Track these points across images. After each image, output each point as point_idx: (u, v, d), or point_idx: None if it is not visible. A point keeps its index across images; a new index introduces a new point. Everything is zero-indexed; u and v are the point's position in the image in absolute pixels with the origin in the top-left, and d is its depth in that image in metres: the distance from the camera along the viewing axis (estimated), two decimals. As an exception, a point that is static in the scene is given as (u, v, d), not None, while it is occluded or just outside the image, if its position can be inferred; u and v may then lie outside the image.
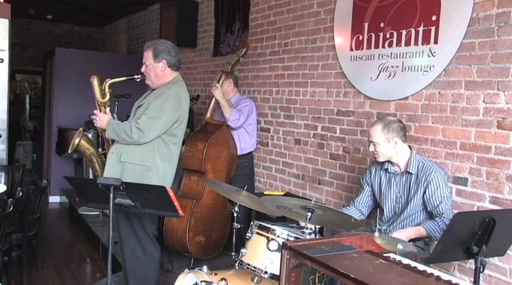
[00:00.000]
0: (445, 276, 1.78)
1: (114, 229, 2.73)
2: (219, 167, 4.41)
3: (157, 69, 3.36)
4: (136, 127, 3.19)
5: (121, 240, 3.43)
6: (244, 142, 4.79)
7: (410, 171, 3.03)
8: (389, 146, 3.03)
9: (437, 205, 2.93)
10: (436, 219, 2.93)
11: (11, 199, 3.51)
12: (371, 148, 3.09)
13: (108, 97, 3.42)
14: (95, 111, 3.40)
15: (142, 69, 3.41)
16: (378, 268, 1.81)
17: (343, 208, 3.48)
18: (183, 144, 4.46)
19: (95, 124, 3.40)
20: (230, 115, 4.54)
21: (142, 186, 2.79)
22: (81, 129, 3.64)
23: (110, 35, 10.76)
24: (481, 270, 2.19)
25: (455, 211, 2.96)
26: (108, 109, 3.43)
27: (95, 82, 3.40)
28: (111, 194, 2.66)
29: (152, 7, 8.10)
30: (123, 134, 3.23)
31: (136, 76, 3.44)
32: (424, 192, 2.97)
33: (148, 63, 3.37)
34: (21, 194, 3.95)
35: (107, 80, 3.41)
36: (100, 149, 3.69)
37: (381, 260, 1.91)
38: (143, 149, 3.27)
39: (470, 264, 3.03)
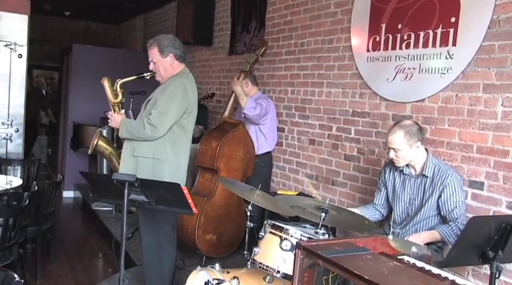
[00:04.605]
0: (460, 280, 1.77)
1: (127, 225, 2.73)
2: (234, 166, 4.40)
3: (165, 64, 3.40)
4: (149, 123, 3.23)
5: (140, 234, 3.49)
6: (258, 142, 4.77)
7: (426, 174, 3.00)
8: (411, 151, 2.98)
9: (452, 210, 2.89)
10: (450, 224, 2.90)
11: (27, 193, 3.56)
12: (391, 155, 3.02)
13: (120, 97, 3.46)
14: (109, 112, 3.45)
15: (151, 67, 3.44)
16: (391, 270, 1.80)
17: (363, 206, 3.44)
18: (197, 142, 4.49)
19: (110, 124, 3.46)
20: (246, 103, 4.52)
21: (157, 183, 2.81)
22: (99, 130, 3.69)
23: (126, 32, 10.82)
24: (497, 276, 2.16)
25: (470, 215, 2.92)
26: (123, 111, 3.47)
27: (106, 83, 3.43)
28: (126, 191, 2.68)
29: (169, 5, 8.13)
30: (136, 132, 3.28)
31: (146, 74, 3.46)
32: (439, 196, 2.93)
33: (156, 60, 3.40)
34: (36, 188, 4.00)
35: (117, 80, 3.45)
36: (115, 145, 3.74)
37: (395, 262, 1.90)
38: (154, 143, 3.31)
39: (485, 269, 2.99)
